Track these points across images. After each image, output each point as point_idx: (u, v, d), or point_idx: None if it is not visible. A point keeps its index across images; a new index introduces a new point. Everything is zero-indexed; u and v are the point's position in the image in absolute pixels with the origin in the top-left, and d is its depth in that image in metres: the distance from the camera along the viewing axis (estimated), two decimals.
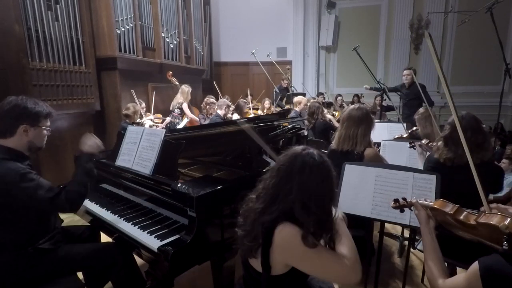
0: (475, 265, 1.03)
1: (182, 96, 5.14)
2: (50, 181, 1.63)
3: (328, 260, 1.10)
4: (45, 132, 1.72)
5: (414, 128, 2.98)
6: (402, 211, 1.43)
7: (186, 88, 5.19)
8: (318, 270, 1.12)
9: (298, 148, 1.21)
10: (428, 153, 2.37)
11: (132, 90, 4.67)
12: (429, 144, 2.43)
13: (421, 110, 3.14)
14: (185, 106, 5.11)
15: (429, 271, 1.20)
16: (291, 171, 1.14)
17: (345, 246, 1.15)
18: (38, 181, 1.56)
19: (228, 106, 4.60)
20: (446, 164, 1.93)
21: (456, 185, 1.71)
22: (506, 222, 0.98)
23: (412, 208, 1.35)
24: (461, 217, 1.14)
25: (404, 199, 1.38)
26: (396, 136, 3.13)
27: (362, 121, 2.29)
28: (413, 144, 2.51)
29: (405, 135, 3.03)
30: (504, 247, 0.97)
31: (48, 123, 1.73)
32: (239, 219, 1.27)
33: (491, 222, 1.02)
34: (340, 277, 1.14)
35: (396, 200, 1.39)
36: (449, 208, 1.18)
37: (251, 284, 1.26)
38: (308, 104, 5.00)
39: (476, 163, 1.76)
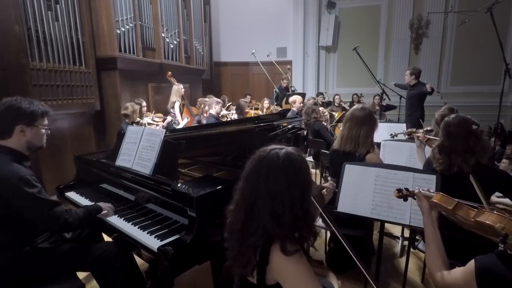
0: (471, 264, 1.05)
1: (174, 95, 5.16)
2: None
3: None
4: (43, 131, 1.71)
5: (429, 128, 2.85)
6: (405, 199, 1.43)
7: (176, 87, 5.21)
8: None
9: (265, 150, 1.12)
10: (426, 146, 2.35)
11: (144, 102, 4.70)
12: (426, 140, 2.40)
13: (442, 109, 2.92)
14: (176, 106, 5.11)
15: (429, 262, 1.21)
16: (258, 180, 1.07)
17: None
18: (39, 189, 1.57)
19: (218, 103, 4.56)
20: (443, 174, 1.88)
21: (459, 192, 1.70)
22: (503, 223, 0.98)
23: (415, 197, 1.35)
24: (460, 213, 1.14)
25: (407, 189, 1.39)
26: (408, 130, 3.00)
27: (365, 122, 2.28)
28: (411, 136, 2.47)
29: (420, 131, 2.88)
30: (500, 248, 0.98)
31: (46, 122, 1.72)
32: (225, 233, 1.20)
33: (488, 222, 1.02)
34: None
35: (399, 190, 1.40)
36: (449, 203, 1.18)
37: None
38: (304, 103, 5.01)
39: (470, 171, 1.76)
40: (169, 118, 4.96)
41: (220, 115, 4.67)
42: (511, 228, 0.96)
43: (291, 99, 5.45)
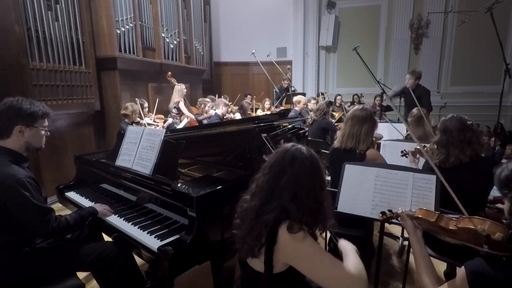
0: (462, 271, 1.06)
1: (177, 95, 5.17)
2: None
3: (328, 264, 1.11)
4: (42, 132, 1.70)
5: (409, 132, 2.98)
6: (390, 223, 1.45)
7: (178, 87, 5.23)
8: (318, 273, 1.11)
9: (288, 145, 1.25)
10: (421, 159, 2.37)
11: (146, 103, 4.69)
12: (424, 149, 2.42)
13: (414, 111, 3.13)
14: (181, 105, 5.13)
15: (420, 280, 1.21)
16: (283, 166, 1.19)
17: (350, 263, 1.17)
18: (33, 194, 1.55)
19: (226, 105, 4.57)
20: (442, 167, 1.94)
21: (457, 184, 1.71)
22: (484, 225, 1.01)
23: (398, 219, 1.37)
24: (443, 224, 1.17)
25: (390, 210, 1.41)
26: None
27: (366, 121, 2.33)
28: (405, 152, 2.50)
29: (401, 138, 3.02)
30: (484, 249, 1.00)
31: (46, 123, 1.71)
32: (236, 221, 1.28)
33: (470, 226, 1.05)
34: (341, 285, 1.11)
35: (383, 213, 1.42)
36: (431, 216, 1.21)
37: (249, 284, 1.26)
38: (309, 102, 5.03)
39: (468, 160, 1.90)
40: (170, 120, 4.96)
41: (225, 117, 4.69)
42: (491, 228, 0.99)
43: (295, 98, 5.46)
